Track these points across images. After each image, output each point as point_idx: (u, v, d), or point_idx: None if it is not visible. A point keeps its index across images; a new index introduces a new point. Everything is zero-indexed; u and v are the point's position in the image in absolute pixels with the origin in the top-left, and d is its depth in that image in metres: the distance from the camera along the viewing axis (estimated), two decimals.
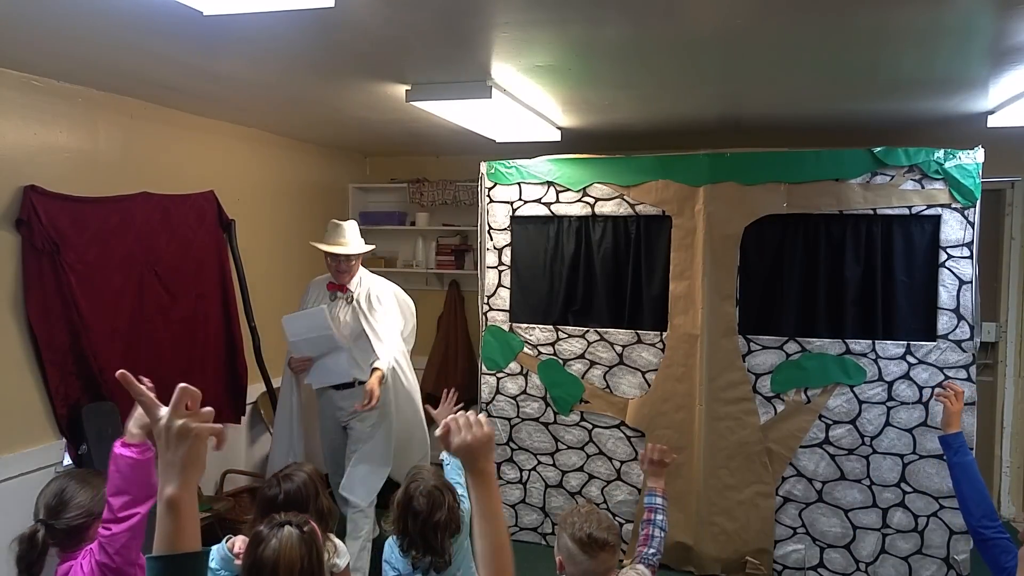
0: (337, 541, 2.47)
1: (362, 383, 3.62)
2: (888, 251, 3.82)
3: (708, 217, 3.95)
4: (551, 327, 4.32)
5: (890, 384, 3.80)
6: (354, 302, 3.74)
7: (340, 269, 3.74)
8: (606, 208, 4.19)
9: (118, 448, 2.17)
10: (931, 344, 3.75)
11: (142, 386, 1.29)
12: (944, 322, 3.73)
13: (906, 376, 3.78)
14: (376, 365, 3.55)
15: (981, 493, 2.34)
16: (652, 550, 2.28)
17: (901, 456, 3.80)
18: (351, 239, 3.78)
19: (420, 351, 5.57)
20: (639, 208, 4.13)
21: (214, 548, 2.20)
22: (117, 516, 1.97)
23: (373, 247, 3.93)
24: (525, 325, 4.38)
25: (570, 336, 4.29)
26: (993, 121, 3.78)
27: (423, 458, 3.95)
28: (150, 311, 3.70)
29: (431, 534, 2.41)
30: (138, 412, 2.22)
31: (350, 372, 3.69)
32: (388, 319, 3.75)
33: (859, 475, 3.86)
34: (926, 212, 3.74)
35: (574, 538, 2.04)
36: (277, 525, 1.89)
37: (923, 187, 3.74)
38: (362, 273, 3.86)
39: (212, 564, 2.16)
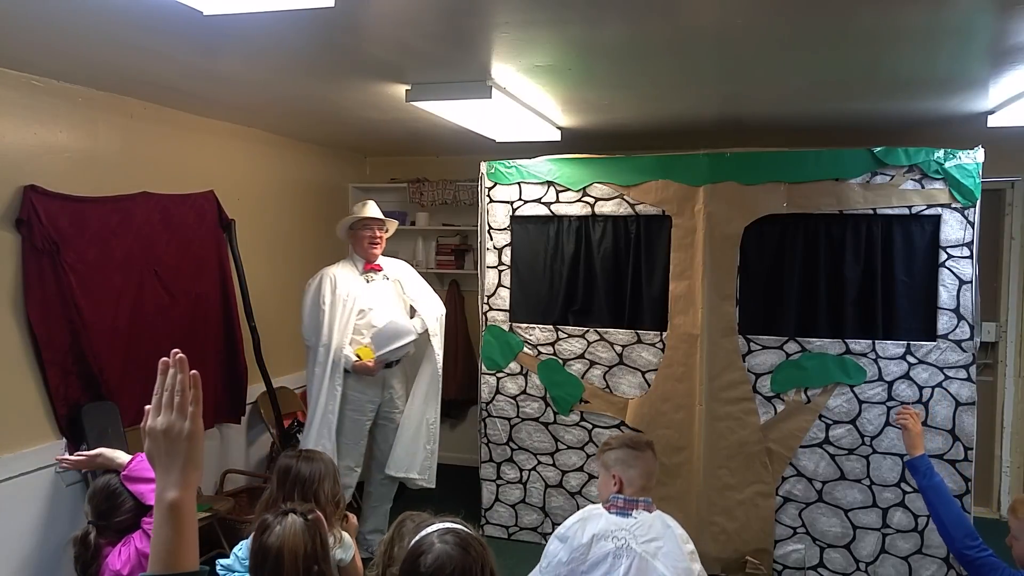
0: (344, 534, 2.48)
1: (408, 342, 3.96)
2: (888, 251, 3.82)
3: (708, 217, 3.95)
4: (551, 327, 4.32)
5: (890, 384, 3.80)
6: (391, 280, 4.00)
7: (375, 240, 3.92)
8: (606, 208, 4.19)
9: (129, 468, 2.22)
10: (931, 344, 3.75)
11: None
12: (944, 322, 3.73)
13: (906, 376, 3.78)
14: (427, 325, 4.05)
15: (957, 514, 2.28)
16: None
17: (901, 456, 3.80)
18: (377, 207, 3.99)
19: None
20: (639, 208, 4.13)
21: (243, 542, 2.23)
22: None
23: (392, 220, 4.11)
24: (525, 325, 4.38)
25: (570, 336, 4.29)
26: (993, 121, 3.78)
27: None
28: (150, 311, 3.70)
29: None
30: None
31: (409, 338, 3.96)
32: (426, 287, 4.19)
33: (859, 475, 3.86)
34: (926, 212, 3.74)
35: (623, 443, 2.35)
36: (282, 513, 1.93)
37: (923, 187, 3.74)
38: (386, 259, 4.11)
39: (239, 553, 2.19)
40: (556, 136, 4.36)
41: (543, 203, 4.32)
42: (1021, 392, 4.79)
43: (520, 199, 4.36)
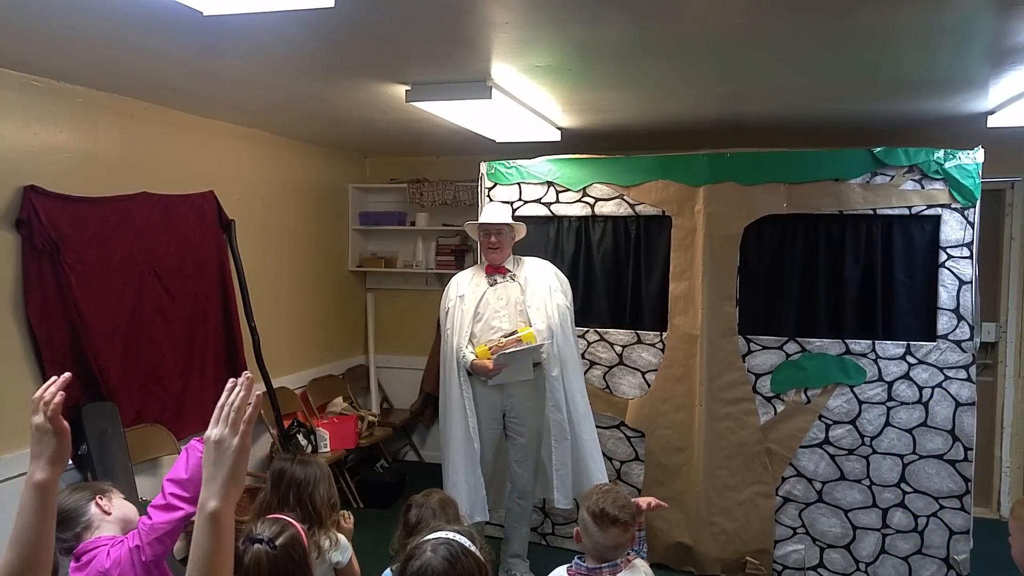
0: (340, 536, 2.47)
1: (537, 364, 3.68)
2: (888, 251, 3.82)
3: (708, 217, 3.95)
4: None
5: (890, 384, 3.80)
6: (518, 280, 3.74)
7: (490, 245, 3.70)
8: (606, 208, 4.19)
9: (196, 440, 2.19)
10: (931, 344, 3.75)
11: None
12: (944, 322, 3.73)
13: (906, 376, 3.78)
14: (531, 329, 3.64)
15: None
16: (640, 548, 2.42)
17: (901, 456, 3.80)
18: (494, 213, 3.76)
19: (420, 351, 5.58)
20: (639, 208, 4.13)
21: None
22: (164, 503, 1.99)
23: (519, 224, 3.82)
24: None
25: None
26: (993, 121, 3.78)
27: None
28: (150, 311, 3.70)
29: None
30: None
31: (531, 369, 3.68)
32: (539, 301, 3.70)
33: (859, 475, 3.86)
34: (926, 212, 3.74)
35: (589, 511, 2.20)
36: (249, 541, 1.89)
37: (923, 187, 3.74)
38: (523, 258, 3.85)
39: None
40: (556, 136, 4.37)
41: (543, 203, 4.32)
42: (1021, 392, 4.79)
43: (520, 199, 4.36)
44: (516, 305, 3.70)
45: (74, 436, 3.42)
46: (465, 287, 3.77)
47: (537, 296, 3.70)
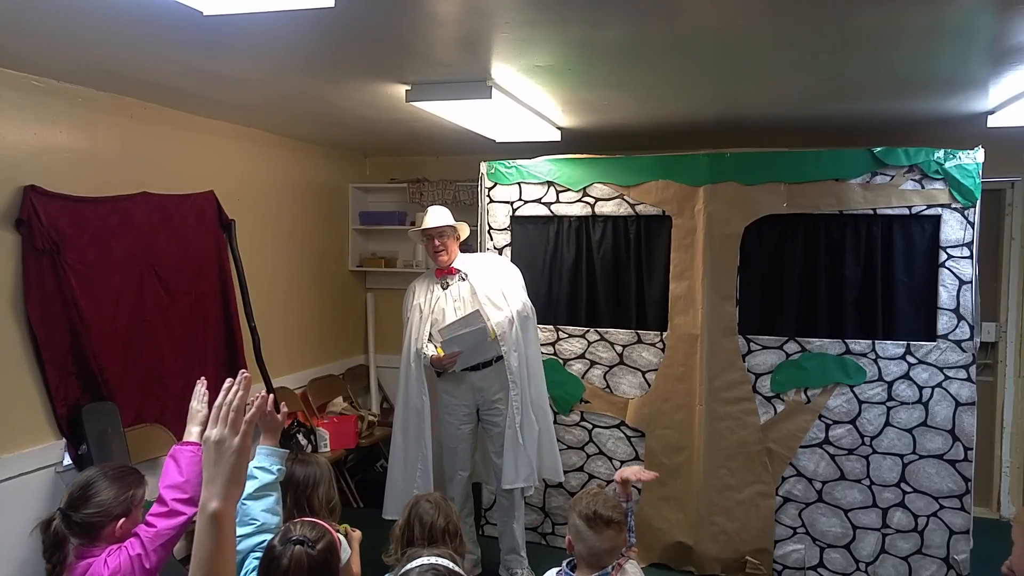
0: (340, 538, 2.47)
1: (499, 358, 3.71)
2: (888, 251, 3.83)
3: (708, 217, 3.95)
4: (551, 327, 4.32)
5: (890, 384, 3.80)
6: (469, 279, 3.77)
7: (434, 248, 3.75)
8: (606, 208, 4.19)
9: (178, 445, 2.18)
10: (931, 344, 3.75)
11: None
12: (944, 322, 3.73)
13: (906, 376, 3.78)
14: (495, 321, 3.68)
15: None
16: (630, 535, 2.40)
17: (901, 456, 3.80)
18: (435, 217, 3.79)
19: None
20: (639, 208, 4.13)
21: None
22: (167, 510, 1.98)
23: (461, 224, 3.86)
24: None
25: (570, 336, 4.29)
26: (993, 121, 3.78)
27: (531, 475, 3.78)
28: (150, 311, 3.70)
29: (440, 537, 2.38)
30: (197, 414, 2.26)
31: (496, 350, 3.70)
32: (494, 296, 3.76)
33: (859, 475, 3.86)
34: (926, 212, 3.74)
35: (581, 515, 2.18)
36: (289, 542, 1.85)
37: (923, 187, 3.74)
38: (470, 256, 3.92)
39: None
40: (556, 136, 4.36)
41: (543, 203, 4.32)
42: (1021, 392, 4.79)
43: (520, 199, 4.36)
44: (471, 304, 3.73)
45: (74, 436, 3.44)
46: (421, 296, 3.83)
47: (491, 291, 3.74)
